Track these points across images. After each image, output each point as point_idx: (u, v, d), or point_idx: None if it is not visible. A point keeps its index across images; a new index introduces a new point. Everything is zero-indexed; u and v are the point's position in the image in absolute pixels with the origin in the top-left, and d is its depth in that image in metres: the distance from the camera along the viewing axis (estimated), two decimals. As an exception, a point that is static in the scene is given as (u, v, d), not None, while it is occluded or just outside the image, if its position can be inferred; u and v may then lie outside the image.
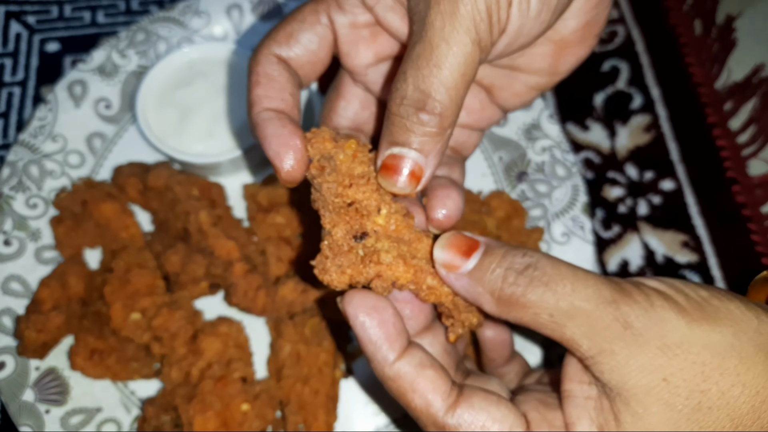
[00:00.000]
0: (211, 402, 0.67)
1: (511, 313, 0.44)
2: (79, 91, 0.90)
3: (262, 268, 0.77)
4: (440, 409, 0.44)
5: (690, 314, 0.41)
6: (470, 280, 0.45)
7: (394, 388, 0.45)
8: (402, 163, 0.46)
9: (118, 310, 0.72)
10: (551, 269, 0.42)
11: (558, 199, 0.85)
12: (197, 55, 0.85)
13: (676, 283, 0.44)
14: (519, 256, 0.44)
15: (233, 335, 0.71)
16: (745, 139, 0.93)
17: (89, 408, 0.74)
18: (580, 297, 0.41)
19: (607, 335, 0.41)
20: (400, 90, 0.45)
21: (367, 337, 0.44)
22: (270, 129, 0.48)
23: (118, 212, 0.79)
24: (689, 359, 0.40)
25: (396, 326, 0.45)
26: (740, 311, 0.42)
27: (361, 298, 0.45)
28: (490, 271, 0.44)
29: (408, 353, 0.45)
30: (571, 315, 0.41)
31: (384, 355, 0.44)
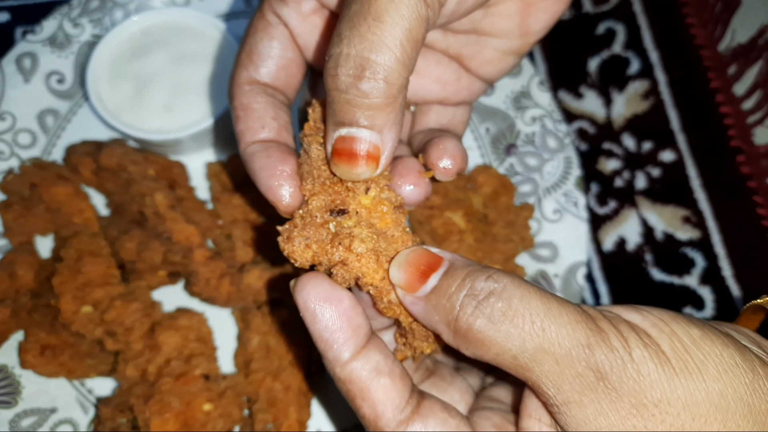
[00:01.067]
0: (170, 402, 0.61)
1: (469, 348, 0.38)
2: (29, 64, 0.83)
3: (228, 253, 0.70)
4: (389, 424, 0.38)
5: (673, 366, 0.35)
6: (426, 306, 0.39)
7: (344, 390, 0.40)
8: (354, 145, 0.40)
9: (68, 302, 0.66)
10: (518, 301, 0.36)
11: (549, 173, 0.78)
12: (154, 21, 0.78)
13: (665, 317, 0.37)
14: (482, 280, 0.37)
15: (194, 328, 0.65)
16: (751, 105, 0.87)
17: (43, 409, 0.68)
18: (551, 339, 0.35)
19: (577, 385, 0.35)
20: (334, 57, 0.39)
21: (318, 331, 0.39)
22: (257, 163, 0.45)
23: (71, 195, 0.73)
24: (667, 421, 0.34)
25: (352, 321, 0.39)
26: (733, 362, 0.36)
27: (316, 284, 0.39)
28: (447, 297, 0.38)
29: (364, 354, 0.39)
30: (538, 359, 0.36)
31: (336, 354, 0.39)
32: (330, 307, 0.38)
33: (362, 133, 0.40)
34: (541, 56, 0.89)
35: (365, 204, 0.42)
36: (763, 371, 0.36)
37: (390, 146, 0.41)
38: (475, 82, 0.55)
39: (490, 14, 0.49)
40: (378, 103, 0.39)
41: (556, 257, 0.74)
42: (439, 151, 0.48)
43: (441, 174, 0.48)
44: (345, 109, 0.39)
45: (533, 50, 0.89)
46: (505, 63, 0.53)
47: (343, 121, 0.40)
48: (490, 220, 0.74)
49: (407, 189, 0.46)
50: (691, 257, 0.79)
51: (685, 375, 0.35)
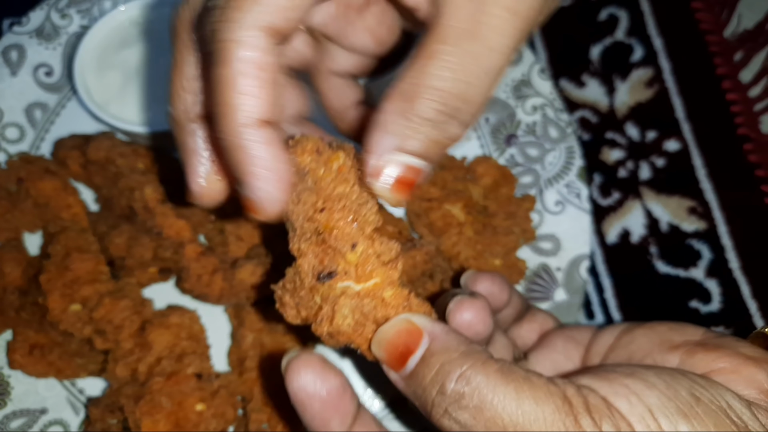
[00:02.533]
0: (161, 402, 0.59)
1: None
2: (16, 56, 0.80)
3: (220, 248, 0.69)
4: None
5: None
6: (407, 385, 0.38)
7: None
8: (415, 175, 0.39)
9: (56, 300, 0.64)
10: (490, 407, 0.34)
11: (551, 164, 0.76)
12: (143, 11, 0.76)
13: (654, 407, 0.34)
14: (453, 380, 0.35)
15: (186, 326, 0.63)
16: (758, 92, 0.84)
17: (32, 409, 0.67)
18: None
19: None
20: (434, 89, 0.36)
21: (307, 420, 0.39)
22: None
23: (59, 190, 0.71)
24: None
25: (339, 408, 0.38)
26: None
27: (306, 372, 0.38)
28: (422, 388, 0.37)
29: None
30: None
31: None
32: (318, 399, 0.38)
33: (419, 163, 0.39)
34: (542, 44, 0.87)
35: (352, 261, 0.39)
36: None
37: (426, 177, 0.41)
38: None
39: None
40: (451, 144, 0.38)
41: (558, 250, 0.72)
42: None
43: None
44: (430, 147, 0.38)
45: (533, 37, 0.87)
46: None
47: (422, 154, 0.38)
48: (491, 212, 0.72)
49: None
50: (697, 249, 0.77)
51: None
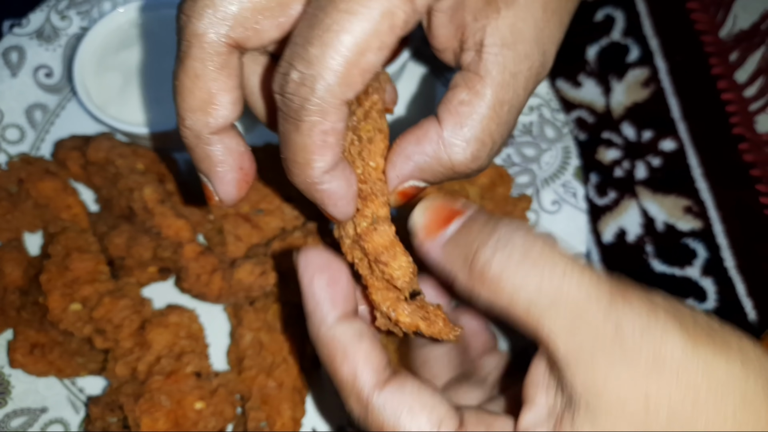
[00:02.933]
0: (161, 400, 0.60)
1: (483, 290, 0.36)
2: (16, 58, 0.81)
3: (219, 248, 0.69)
4: (367, 384, 0.38)
5: (696, 336, 0.33)
6: (444, 248, 0.39)
7: (324, 353, 0.40)
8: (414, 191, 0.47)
9: (56, 299, 0.64)
10: (542, 245, 0.35)
11: (547, 164, 0.77)
12: (142, 12, 0.77)
13: (683, 305, 0.36)
14: (506, 223, 0.37)
15: (185, 325, 0.64)
16: (753, 92, 0.85)
17: (33, 408, 0.67)
18: (572, 284, 0.34)
19: (591, 337, 0.33)
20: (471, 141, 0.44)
21: (310, 292, 0.41)
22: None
23: (59, 190, 0.71)
24: (683, 380, 0.32)
25: (344, 290, 0.41)
26: (753, 349, 0.34)
27: (320, 253, 0.42)
28: (468, 235, 0.38)
29: (349, 320, 0.40)
30: (555, 304, 0.34)
31: (323, 314, 0.40)
32: (327, 274, 0.41)
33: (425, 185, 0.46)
34: (539, 44, 0.87)
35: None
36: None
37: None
38: None
39: None
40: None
41: (554, 249, 0.73)
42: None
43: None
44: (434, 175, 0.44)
45: (530, 38, 0.87)
46: None
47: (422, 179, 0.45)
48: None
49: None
50: (693, 248, 0.77)
51: (707, 345, 0.33)
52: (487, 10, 0.42)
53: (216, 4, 0.39)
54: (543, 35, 0.43)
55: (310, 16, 0.38)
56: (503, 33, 0.41)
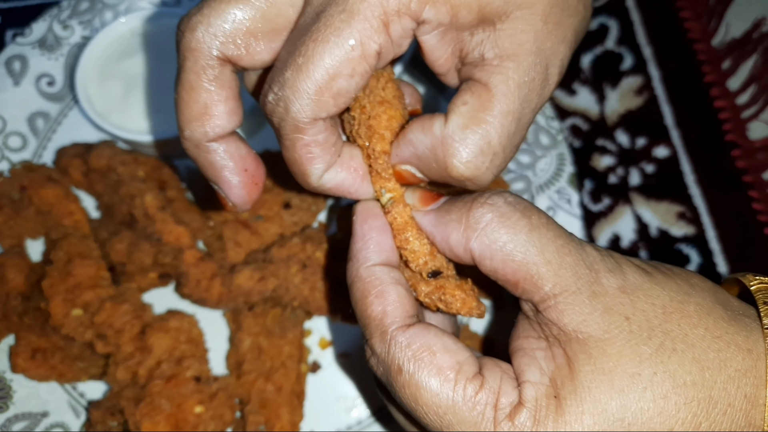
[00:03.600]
0: (161, 404, 0.61)
1: (479, 238, 0.41)
2: (19, 67, 0.82)
3: (219, 254, 0.70)
4: (395, 323, 0.41)
5: (648, 271, 0.42)
6: (439, 210, 0.44)
7: (360, 290, 0.43)
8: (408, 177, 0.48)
9: (58, 305, 0.65)
10: (526, 201, 0.43)
11: (542, 170, 0.78)
12: (144, 22, 0.78)
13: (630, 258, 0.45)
14: (493, 190, 0.43)
15: (185, 329, 0.65)
16: (746, 99, 0.86)
17: (34, 413, 0.68)
18: (553, 231, 0.41)
19: (573, 273, 0.40)
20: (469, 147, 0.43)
21: (362, 232, 0.44)
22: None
23: (61, 197, 0.72)
24: (649, 301, 0.40)
25: (392, 243, 0.45)
26: (698, 278, 0.43)
27: (375, 205, 0.46)
28: (461, 199, 0.43)
29: (390, 267, 0.44)
30: (541, 248, 0.40)
31: (367, 254, 0.44)
32: (380, 222, 0.45)
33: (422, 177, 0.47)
34: (534, 53, 0.88)
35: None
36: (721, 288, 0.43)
37: None
38: None
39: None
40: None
41: (549, 255, 0.74)
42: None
43: None
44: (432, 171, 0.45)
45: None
46: None
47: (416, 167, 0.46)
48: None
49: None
50: (686, 253, 0.78)
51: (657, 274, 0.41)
52: (483, 25, 0.42)
53: (210, 20, 0.41)
54: (545, 47, 0.43)
55: (290, 43, 0.41)
56: (503, 45, 0.42)
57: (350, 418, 0.68)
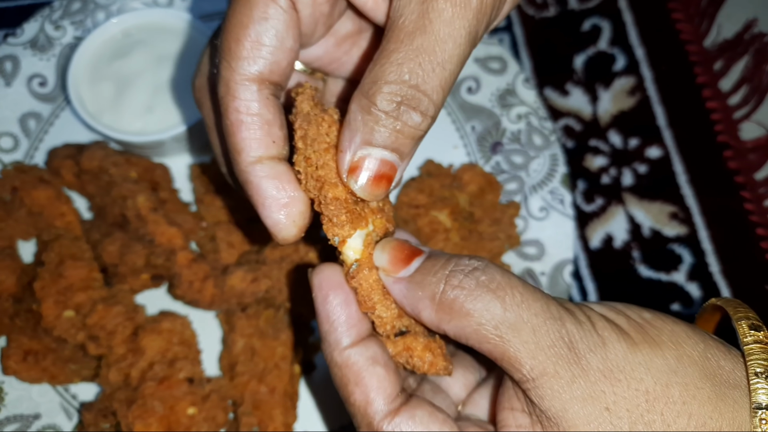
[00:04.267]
0: (153, 406, 0.60)
1: (451, 321, 0.39)
2: (10, 67, 0.82)
3: (212, 255, 0.70)
4: (379, 412, 0.40)
5: (631, 337, 0.38)
6: (409, 283, 0.41)
7: (338, 376, 0.41)
8: (381, 167, 0.40)
9: (50, 306, 0.65)
10: (500, 276, 0.39)
11: (535, 171, 0.78)
12: (135, 22, 0.77)
13: (617, 305, 0.41)
14: (465, 260, 0.40)
15: (178, 331, 0.65)
16: (737, 100, 0.86)
17: (26, 415, 0.68)
18: (529, 310, 0.38)
19: (551, 354, 0.37)
20: (390, 83, 0.38)
21: (325, 313, 0.41)
22: (269, 190, 0.41)
23: (52, 199, 0.72)
24: (632, 386, 0.37)
25: (358, 312, 0.42)
26: (685, 334, 0.39)
27: (334, 272, 0.42)
28: (433, 273, 0.40)
29: (363, 343, 0.41)
30: (517, 329, 0.38)
31: (337, 337, 0.41)
32: (342, 295, 0.41)
33: (390, 156, 0.40)
34: (527, 53, 0.89)
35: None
36: (713, 343, 0.39)
37: (402, 174, 0.41)
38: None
39: None
40: (417, 134, 0.40)
41: (542, 255, 0.74)
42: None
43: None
44: (385, 131, 0.39)
45: (518, 47, 0.89)
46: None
47: (383, 144, 0.39)
48: (476, 218, 0.74)
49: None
50: (679, 253, 0.79)
51: (642, 345, 0.38)
52: None
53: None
54: None
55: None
56: None
57: (344, 418, 0.67)
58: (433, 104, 0.39)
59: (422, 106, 0.39)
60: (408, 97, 0.38)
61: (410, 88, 0.38)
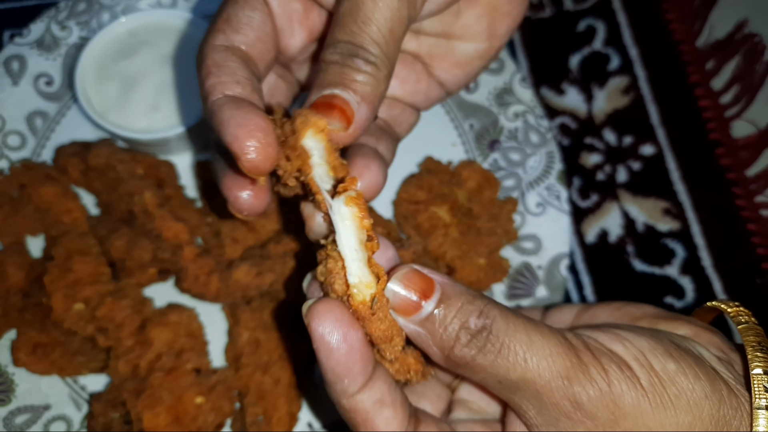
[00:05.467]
0: (161, 396, 0.62)
1: (458, 370, 0.42)
2: (17, 67, 0.83)
3: (216, 250, 0.71)
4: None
5: (649, 399, 0.39)
6: (422, 329, 0.41)
7: (347, 418, 0.43)
8: (334, 100, 0.43)
9: (60, 300, 0.66)
10: (504, 335, 0.40)
11: (532, 168, 0.80)
12: (140, 22, 0.79)
13: (645, 349, 0.41)
14: (475, 315, 0.40)
15: (184, 323, 0.66)
16: (729, 99, 0.88)
17: (36, 406, 0.69)
18: (532, 370, 0.39)
19: (554, 412, 0.39)
20: (331, 45, 0.44)
21: (330, 365, 0.40)
22: (225, 112, 0.42)
23: (59, 195, 0.73)
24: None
25: (363, 357, 0.40)
26: (703, 394, 0.40)
27: (330, 313, 0.40)
28: (443, 327, 0.41)
29: (369, 386, 0.41)
30: (519, 386, 0.40)
31: (344, 387, 0.41)
32: (345, 343, 0.39)
33: (345, 93, 0.43)
34: (523, 53, 0.91)
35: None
36: (728, 400, 0.40)
37: (364, 116, 0.44)
38: (433, 88, 0.58)
39: (462, 18, 0.53)
40: (365, 76, 0.43)
41: (539, 249, 0.76)
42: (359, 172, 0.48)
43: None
44: (336, 75, 0.43)
45: (515, 47, 0.91)
46: (472, 67, 0.57)
47: (331, 82, 0.43)
48: (475, 214, 0.76)
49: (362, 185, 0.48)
50: (672, 248, 0.81)
51: (660, 408, 0.39)
52: None
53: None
54: None
55: None
56: None
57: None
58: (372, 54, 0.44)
59: (361, 55, 0.43)
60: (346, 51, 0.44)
61: (346, 43, 0.44)
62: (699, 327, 0.45)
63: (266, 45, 0.49)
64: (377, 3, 0.43)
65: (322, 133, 0.43)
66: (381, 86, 0.44)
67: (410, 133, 0.60)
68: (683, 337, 0.44)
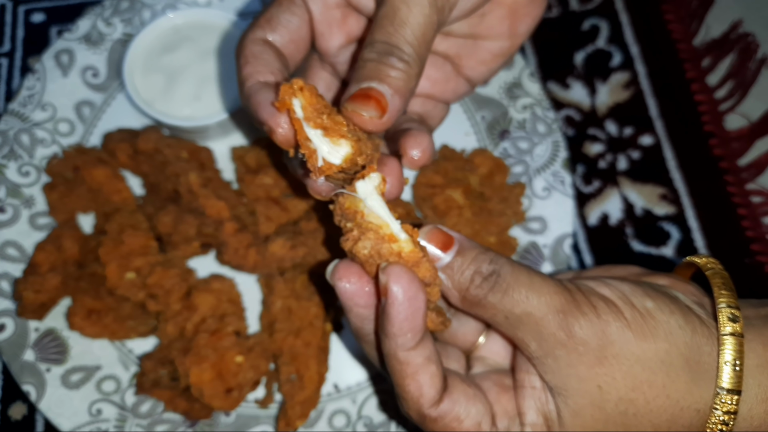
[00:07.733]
0: (206, 354, 0.69)
1: (472, 309, 0.49)
2: (66, 60, 0.91)
3: (252, 227, 0.78)
4: (429, 401, 0.48)
5: (632, 328, 0.46)
6: (444, 275, 0.49)
7: (396, 369, 0.47)
8: (371, 92, 0.49)
9: (114, 269, 0.74)
10: (510, 277, 0.47)
11: (539, 155, 0.87)
12: (183, 20, 0.86)
13: (626, 291, 0.49)
14: (486, 263, 0.47)
15: (226, 291, 0.74)
16: (723, 94, 0.95)
17: (89, 366, 0.76)
18: (533, 305, 0.46)
19: (552, 341, 0.46)
20: (369, 44, 0.50)
21: (399, 320, 0.44)
22: (261, 96, 0.50)
23: (110, 177, 0.81)
24: (622, 370, 0.46)
25: (421, 319, 0.46)
26: (678, 325, 0.47)
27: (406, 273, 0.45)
28: (461, 272, 0.48)
29: (422, 344, 0.46)
30: (522, 320, 0.47)
31: (404, 341, 0.45)
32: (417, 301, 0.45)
33: (381, 87, 0.49)
34: (532, 50, 0.98)
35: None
36: (700, 330, 0.48)
37: (397, 107, 0.50)
38: (461, 85, 0.65)
39: (486, 20, 0.59)
40: (399, 73, 0.49)
41: (545, 229, 0.83)
42: (414, 143, 0.55)
43: (409, 162, 0.56)
44: (372, 71, 0.49)
45: (524, 45, 0.97)
46: (495, 63, 0.63)
47: (368, 77, 0.49)
48: (486, 196, 0.83)
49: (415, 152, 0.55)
50: (668, 230, 0.87)
51: (641, 337, 0.46)
52: None
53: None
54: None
55: None
56: None
57: (371, 369, 0.76)
58: (406, 53, 0.50)
59: (396, 54, 0.49)
60: (383, 50, 0.50)
61: (383, 43, 0.50)
62: (676, 279, 0.53)
63: (297, 46, 0.57)
64: (411, 9, 0.50)
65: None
66: (412, 81, 0.51)
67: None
68: (662, 285, 0.51)
